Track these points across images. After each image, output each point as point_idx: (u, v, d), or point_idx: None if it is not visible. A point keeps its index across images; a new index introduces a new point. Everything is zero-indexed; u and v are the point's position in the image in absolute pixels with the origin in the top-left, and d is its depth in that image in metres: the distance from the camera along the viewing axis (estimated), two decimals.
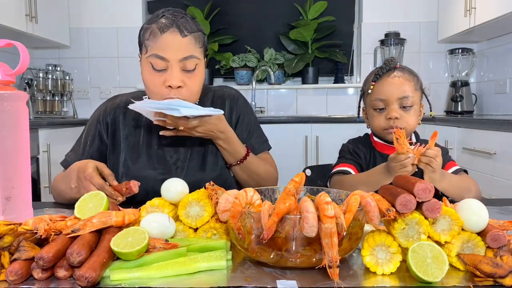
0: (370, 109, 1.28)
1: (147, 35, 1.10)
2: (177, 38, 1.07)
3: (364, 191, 0.69)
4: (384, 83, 1.24)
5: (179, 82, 1.07)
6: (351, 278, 0.63)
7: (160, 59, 1.07)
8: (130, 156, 1.21)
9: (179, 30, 1.07)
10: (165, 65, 1.08)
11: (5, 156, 0.76)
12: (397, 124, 1.22)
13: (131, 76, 3.56)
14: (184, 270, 0.64)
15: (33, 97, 3.18)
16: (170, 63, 1.07)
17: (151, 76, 1.10)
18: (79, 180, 1.01)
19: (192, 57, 1.09)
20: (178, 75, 1.08)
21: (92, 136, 1.24)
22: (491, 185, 2.06)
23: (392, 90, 1.22)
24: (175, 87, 1.07)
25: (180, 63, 1.08)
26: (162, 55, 1.07)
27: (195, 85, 1.12)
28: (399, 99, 1.22)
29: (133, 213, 0.73)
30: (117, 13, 3.52)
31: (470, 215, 0.66)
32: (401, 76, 1.24)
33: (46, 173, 2.51)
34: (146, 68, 1.10)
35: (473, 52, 3.22)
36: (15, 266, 0.60)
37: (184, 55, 1.07)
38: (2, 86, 0.76)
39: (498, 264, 0.60)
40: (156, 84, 1.09)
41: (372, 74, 1.28)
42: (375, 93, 1.24)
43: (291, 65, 3.42)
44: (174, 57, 1.07)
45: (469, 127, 2.33)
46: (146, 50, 1.10)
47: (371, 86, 1.25)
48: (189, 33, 1.09)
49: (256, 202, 0.72)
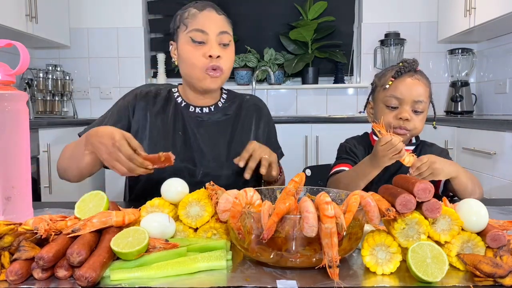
0: (381, 105, 1.26)
1: (185, 15, 1.21)
2: (214, 15, 1.20)
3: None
4: (404, 82, 1.22)
5: (218, 52, 1.17)
6: (351, 278, 0.63)
7: (201, 32, 1.17)
8: (155, 142, 1.22)
9: (215, 9, 1.21)
10: (205, 38, 1.17)
11: (5, 156, 0.76)
12: (406, 126, 1.22)
13: (131, 76, 3.56)
14: (184, 270, 0.64)
15: (33, 97, 3.18)
16: (209, 36, 1.17)
17: (192, 49, 1.18)
18: (102, 146, 0.96)
19: (227, 32, 1.20)
20: (217, 46, 1.18)
21: (119, 117, 1.25)
22: (491, 185, 2.06)
23: (410, 91, 1.21)
24: (215, 56, 1.16)
25: (218, 37, 1.18)
26: (202, 29, 1.17)
27: (230, 59, 1.22)
28: (414, 102, 1.21)
29: (133, 213, 0.73)
30: (117, 13, 3.52)
31: (470, 215, 0.66)
32: (420, 79, 1.23)
33: (46, 173, 2.51)
34: (186, 43, 1.19)
35: (473, 52, 3.22)
36: (15, 266, 0.60)
37: (221, 29, 1.19)
38: (2, 86, 0.76)
39: (498, 264, 0.60)
40: (196, 56, 1.17)
41: (393, 70, 1.26)
42: (392, 90, 1.23)
43: (291, 65, 3.42)
44: (213, 31, 1.17)
45: (469, 127, 2.33)
46: (186, 27, 1.19)
47: (389, 81, 1.24)
48: (222, 14, 1.23)
49: (256, 202, 0.72)
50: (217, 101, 1.31)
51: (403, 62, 1.26)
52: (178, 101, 1.28)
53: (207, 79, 1.18)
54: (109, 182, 2.95)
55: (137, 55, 3.55)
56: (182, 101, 1.28)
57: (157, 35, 3.70)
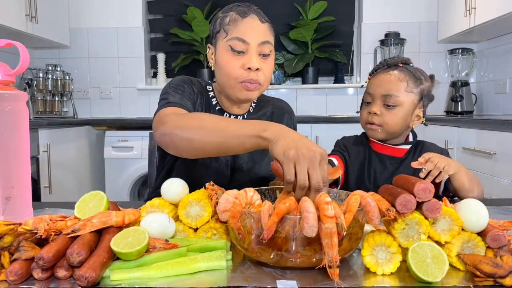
0: (363, 103, 1.31)
1: (227, 20, 1.14)
2: (256, 23, 1.13)
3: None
4: (376, 78, 1.27)
5: (258, 65, 1.11)
6: (351, 278, 0.63)
7: (241, 41, 1.11)
8: None
9: (258, 17, 1.14)
10: (245, 47, 1.11)
11: (5, 156, 0.76)
12: (373, 120, 1.24)
13: (131, 76, 3.57)
14: (184, 270, 0.64)
15: (33, 97, 3.18)
16: (250, 46, 1.11)
17: (230, 58, 1.12)
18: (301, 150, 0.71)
19: (269, 42, 1.14)
20: (257, 58, 1.12)
21: (190, 93, 1.18)
22: (491, 185, 2.06)
23: (380, 86, 1.24)
24: (254, 69, 1.11)
25: (258, 47, 1.12)
26: (243, 38, 1.11)
27: (269, 70, 1.16)
28: (383, 96, 1.23)
29: (133, 213, 0.73)
30: (117, 13, 3.52)
31: (470, 215, 0.66)
32: (395, 75, 1.24)
33: (46, 173, 2.51)
34: (225, 51, 1.13)
35: (473, 52, 3.22)
36: (15, 266, 0.60)
37: (262, 39, 1.12)
38: (2, 86, 0.76)
39: (498, 264, 0.60)
40: (234, 66, 1.12)
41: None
42: (367, 87, 1.29)
43: (291, 65, 3.42)
44: (254, 40, 1.11)
45: (469, 127, 2.33)
46: (226, 34, 1.13)
47: (367, 79, 1.30)
48: (266, 21, 1.15)
49: (256, 202, 0.72)
50: (249, 108, 1.29)
51: (384, 60, 1.30)
52: (213, 103, 1.24)
53: (243, 92, 1.13)
54: (109, 182, 2.95)
55: (137, 55, 3.55)
56: (217, 104, 1.24)
57: (157, 35, 3.70)
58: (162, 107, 1.06)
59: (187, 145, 0.87)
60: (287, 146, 0.72)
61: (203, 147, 0.85)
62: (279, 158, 0.72)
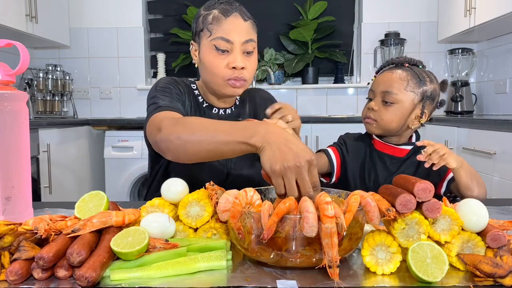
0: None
1: (210, 19, 1.15)
2: (240, 22, 1.15)
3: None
4: (380, 76, 1.29)
5: (243, 63, 1.14)
6: (351, 278, 0.63)
7: (225, 41, 1.13)
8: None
9: (241, 15, 1.15)
10: (229, 47, 1.14)
11: (5, 156, 0.76)
12: (370, 115, 1.27)
13: (131, 76, 3.57)
14: (184, 270, 0.64)
15: (33, 97, 3.18)
16: (234, 45, 1.14)
17: (214, 58, 1.14)
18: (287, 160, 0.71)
19: (252, 40, 1.16)
20: (241, 57, 1.15)
21: (177, 94, 1.19)
22: (491, 185, 2.06)
23: (381, 83, 1.26)
24: (239, 68, 1.14)
25: (242, 46, 1.14)
26: (227, 38, 1.13)
27: (253, 67, 1.19)
28: (382, 93, 1.25)
29: (133, 213, 0.73)
30: (117, 13, 3.52)
31: (470, 215, 0.66)
32: (397, 73, 1.25)
33: (46, 173, 2.51)
34: (209, 50, 1.15)
35: (473, 52, 3.22)
36: (15, 266, 0.60)
37: (246, 38, 1.15)
38: (2, 86, 0.76)
39: (498, 264, 0.60)
40: (219, 65, 1.14)
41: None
42: (372, 85, 1.32)
43: (291, 65, 3.42)
44: (238, 40, 1.13)
45: (469, 127, 2.33)
46: (210, 33, 1.14)
47: (373, 77, 1.32)
48: (248, 18, 1.17)
49: (256, 202, 0.72)
50: (235, 101, 1.32)
51: (391, 59, 1.32)
52: (200, 100, 1.26)
53: (229, 88, 1.16)
54: (109, 182, 2.95)
55: (137, 55, 3.55)
56: (204, 101, 1.27)
57: (157, 35, 3.70)
58: (154, 112, 1.06)
59: (182, 152, 0.89)
60: (273, 159, 0.72)
61: (197, 154, 0.87)
62: (267, 171, 0.73)
